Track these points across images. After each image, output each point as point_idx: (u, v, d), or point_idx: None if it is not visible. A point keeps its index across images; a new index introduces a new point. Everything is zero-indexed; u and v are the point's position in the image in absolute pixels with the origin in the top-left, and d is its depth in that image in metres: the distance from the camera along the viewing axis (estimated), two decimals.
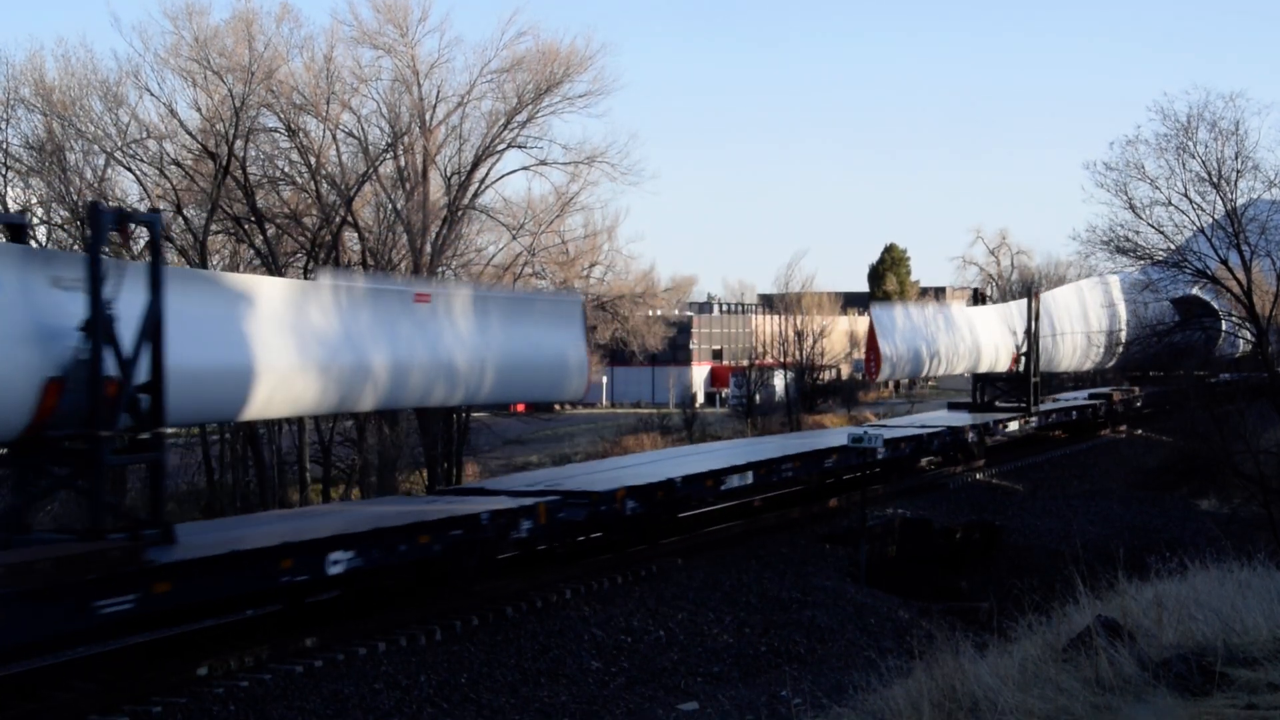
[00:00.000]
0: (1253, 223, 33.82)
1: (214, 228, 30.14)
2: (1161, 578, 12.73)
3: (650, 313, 41.06)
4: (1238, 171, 32.31)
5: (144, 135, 30.28)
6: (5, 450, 12.36)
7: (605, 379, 74.80)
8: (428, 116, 32.89)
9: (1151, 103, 73.07)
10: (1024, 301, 37.17)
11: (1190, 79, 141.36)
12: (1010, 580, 17.20)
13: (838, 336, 69.79)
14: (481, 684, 13.66)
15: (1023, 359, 35.74)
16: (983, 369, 35.83)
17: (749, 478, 21.43)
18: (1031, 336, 35.73)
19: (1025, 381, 35.72)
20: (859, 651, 16.42)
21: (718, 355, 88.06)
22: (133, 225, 13.73)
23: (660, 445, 42.21)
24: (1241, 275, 33.40)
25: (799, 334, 60.58)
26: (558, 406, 54.93)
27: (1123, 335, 43.03)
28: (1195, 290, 45.68)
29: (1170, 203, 33.18)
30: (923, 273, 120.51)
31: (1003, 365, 36.08)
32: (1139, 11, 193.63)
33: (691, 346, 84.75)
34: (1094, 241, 35.27)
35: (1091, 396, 43.89)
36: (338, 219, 29.85)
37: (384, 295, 16.48)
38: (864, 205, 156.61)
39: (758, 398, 57.98)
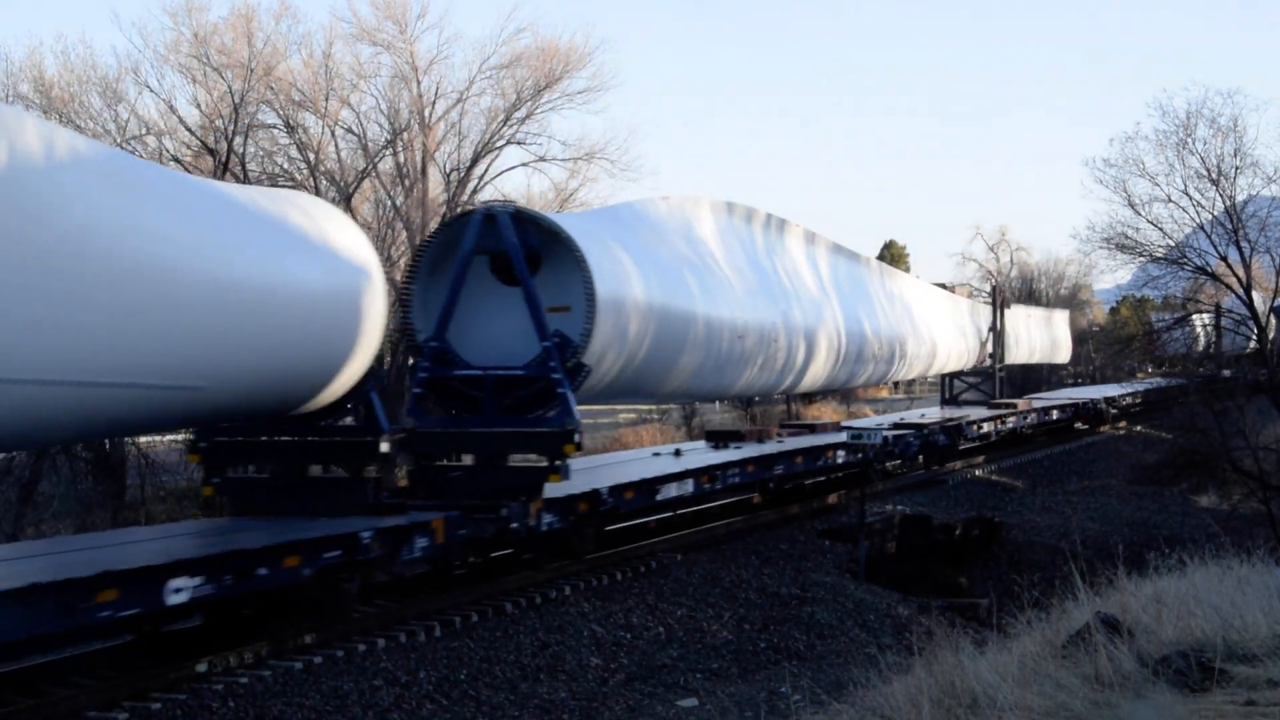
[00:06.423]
0: (1252, 219, 33.90)
1: None
2: (1161, 574, 12.74)
3: None
4: (1237, 168, 32.34)
5: (143, 131, 30.23)
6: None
7: None
8: (427, 113, 32.89)
9: (1151, 99, 73.18)
10: None
11: (1190, 76, 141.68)
12: (1010, 576, 17.25)
13: None
14: (481, 680, 13.66)
15: None
16: None
17: (689, 486, 19.49)
18: None
19: None
20: (858, 648, 16.42)
21: None
22: None
23: (658, 440, 42.15)
24: (1241, 272, 33.48)
25: None
26: None
27: None
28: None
29: (1170, 199, 33.21)
30: (922, 269, 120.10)
31: None
32: (1140, 10, 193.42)
33: None
34: (1093, 239, 35.35)
35: None
36: None
37: None
38: (864, 201, 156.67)
39: None
